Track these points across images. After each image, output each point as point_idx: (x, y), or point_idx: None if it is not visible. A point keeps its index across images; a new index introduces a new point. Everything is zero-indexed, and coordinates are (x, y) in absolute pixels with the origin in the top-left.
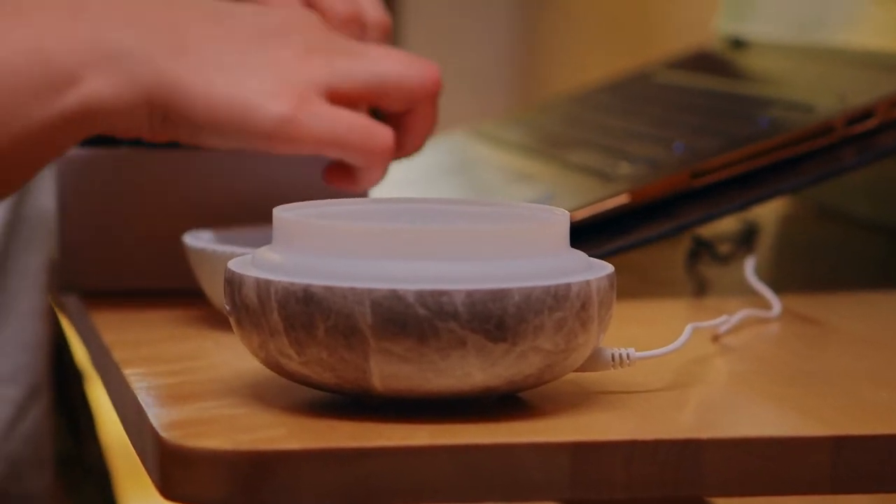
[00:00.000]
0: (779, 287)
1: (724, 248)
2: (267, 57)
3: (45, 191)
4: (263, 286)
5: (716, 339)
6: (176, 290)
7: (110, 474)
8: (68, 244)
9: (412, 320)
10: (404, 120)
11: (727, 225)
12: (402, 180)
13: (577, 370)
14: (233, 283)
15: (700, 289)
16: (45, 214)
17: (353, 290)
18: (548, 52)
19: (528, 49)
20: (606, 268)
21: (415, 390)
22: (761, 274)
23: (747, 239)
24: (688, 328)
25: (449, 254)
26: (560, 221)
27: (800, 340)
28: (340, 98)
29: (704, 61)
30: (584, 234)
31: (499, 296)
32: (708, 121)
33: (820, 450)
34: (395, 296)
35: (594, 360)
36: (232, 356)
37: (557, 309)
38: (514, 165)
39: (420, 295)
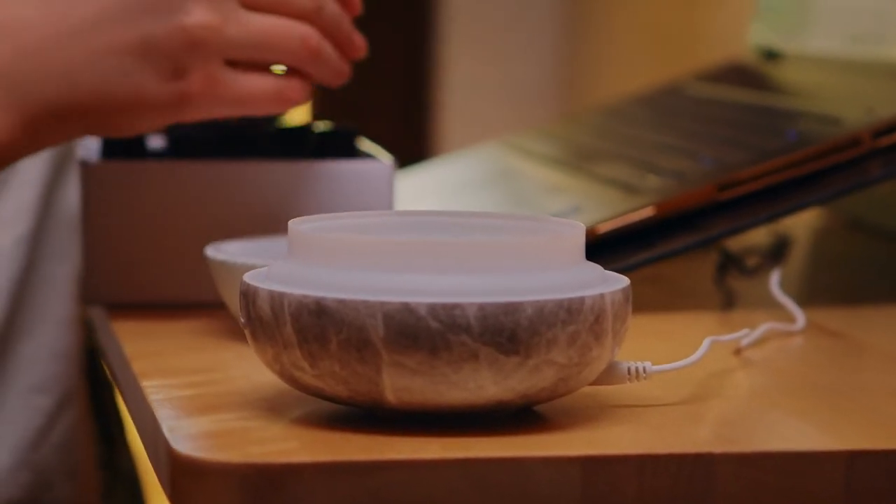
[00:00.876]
0: (807, 300)
1: (754, 261)
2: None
3: (72, 199)
4: (277, 299)
5: (737, 352)
6: (200, 303)
7: (141, 482)
8: (92, 256)
9: (424, 333)
10: None
11: (758, 238)
12: (432, 191)
13: (592, 384)
14: (247, 296)
15: (728, 302)
16: (72, 223)
17: (365, 303)
18: (591, 64)
19: (571, 61)
20: (622, 281)
21: (428, 403)
22: (791, 287)
23: (778, 252)
24: (706, 342)
25: (461, 267)
26: (575, 235)
27: (822, 354)
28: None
29: (736, 74)
30: (610, 247)
31: (511, 309)
32: (736, 133)
33: (834, 464)
34: (407, 309)
35: (610, 374)
36: (251, 368)
37: (570, 322)
38: (545, 178)
39: (432, 308)
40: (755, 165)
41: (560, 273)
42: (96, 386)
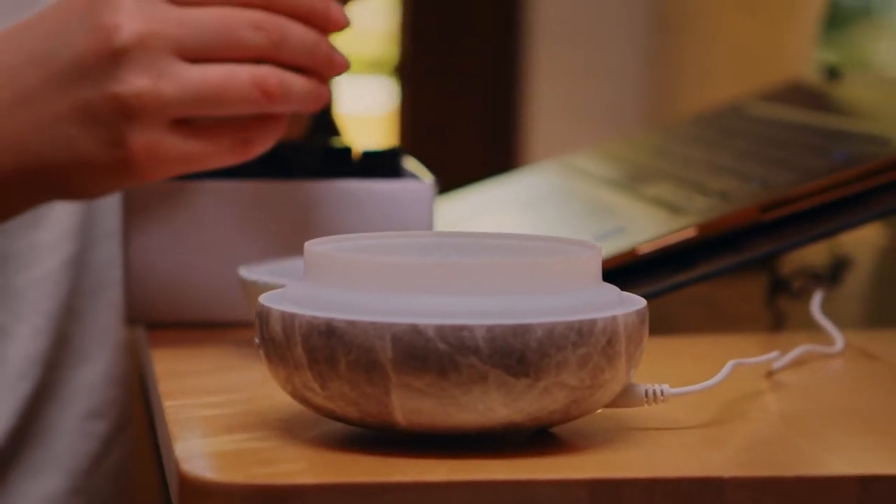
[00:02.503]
0: (861, 322)
1: (801, 283)
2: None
3: (114, 220)
4: (288, 320)
5: (769, 375)
6: (237, 322)
7: None
8: (132, 275)
9: (433, 355)
10: None
11: (817, 258)
12: (473, 211)
13: (609, 406)
14: (261, 317)
15: (776, 324)
16: (116, 245)
17: (374, 324)
18: (677, 84)
19: (657, 81)
20: (637, 303)
21: (438, 425)
22: (845, 308)
23: (835, 272)
24: (728, 365)
25: (471, 288)
26: (590, 257)
27: (856, 377)
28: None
29: (797, 93)
30: (652, 268)
31: (520, 331)
32: (786, 154)
33: (845, 490)
34: (415, 330)
35: (627, 396)
36: (274, 389)
37: (581, 345)
38: (596, 198)
39: (440, 330)
40: (798, 186)
41: (573, 295)
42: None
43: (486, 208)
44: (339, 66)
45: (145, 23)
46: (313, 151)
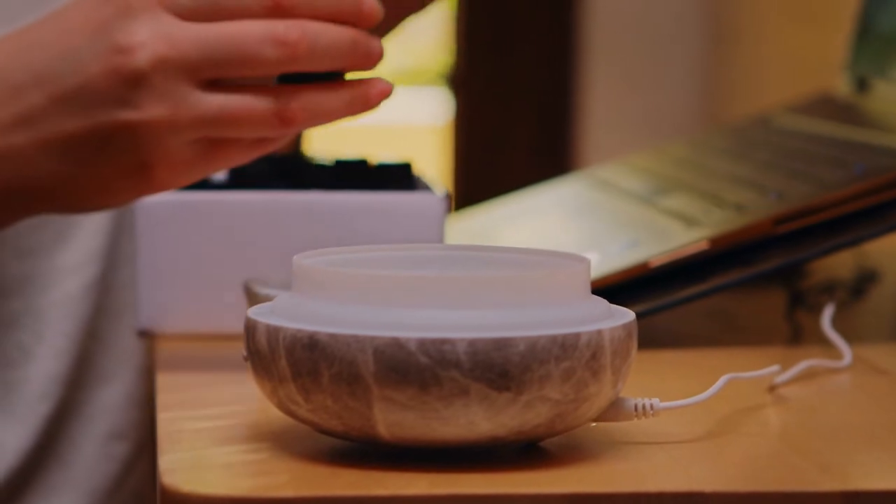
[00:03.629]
0: (883, 336)
1: (818, 297)
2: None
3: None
4: (273, 333)
5: (771, 389)
6: None
7: None
8: (146, 287)
9: (414, 368)
10: None
11: (843, 270)
12: (493, 224)
13: (598, 420)
14: (248, 330)
15: (794, 337)
16: None
17: (356, 337)
18: (732, 94)
19: (711, 89)
20: (626, 317)
21: (420, 438)
22: (869, 322)
23: (860, 285)
24: (722, 379)
25: (454, 302)
26: (577, 270)
27: (860, 393)
28: None
29: (825, 105)
30: (665, 280)
31: (502, 344)
32: (807, 166)
33: None
34: (396, 343)
35: (616, 410)
36: (269, 402)
37: (565, 358)
38: (613, 210)
39: (422, 343)
40: (812, 199)
41: (557, 308)
42: None
43: (506, 221)
44: (376, 59)
45: (161, 45)
46: (327, 164)
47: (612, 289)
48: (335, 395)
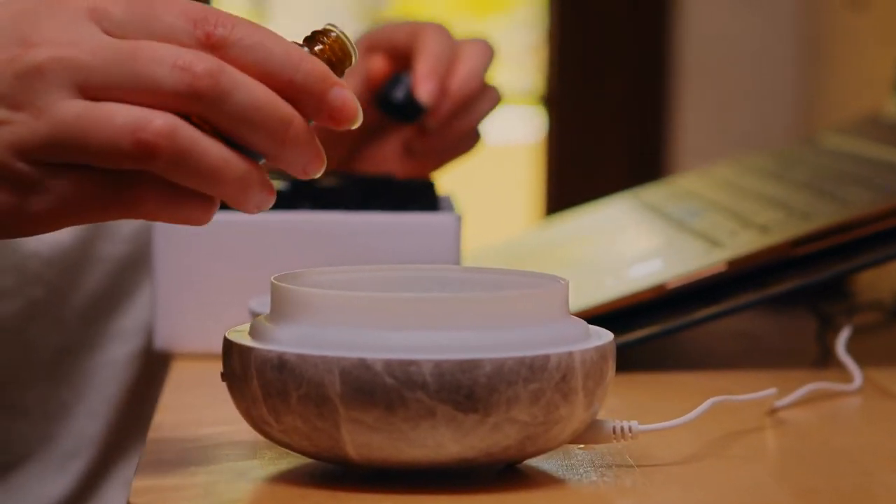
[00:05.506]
0: None
1: (843, 319)
2: None
3: None
4: (245, 353)
5: (771, 412)
6: None
7: None
8: (160, 308)
9: (380, 390)
10: None
11: (886, 292)
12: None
13: (575, 442)
14: (225, 350)
15: (822, 359)
16: None
17: (323, 358)
18: (826, 110)
19: (805, 109)
20: (602, 339)
21: (389, 460)
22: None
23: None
24: (707, 402)
25: (422, 323)
26: (551, 291)
27: (863, 417)
28: None
29: (872, 126)
30: (683, 301)
31: (468, 366)
32: (836, 187)
33: None
34: (363, 365)
35: (595, 432)
36: None
37: (533, 380)
38: (643, 231)
39: (388, 364)
40: (832, 220)
41: (529, 330)
42: None
43: (541, 242)
44: (313, 166)
45: (64, 49)
46: (350, 182)
47: (630, 310)
48: (304, 416)
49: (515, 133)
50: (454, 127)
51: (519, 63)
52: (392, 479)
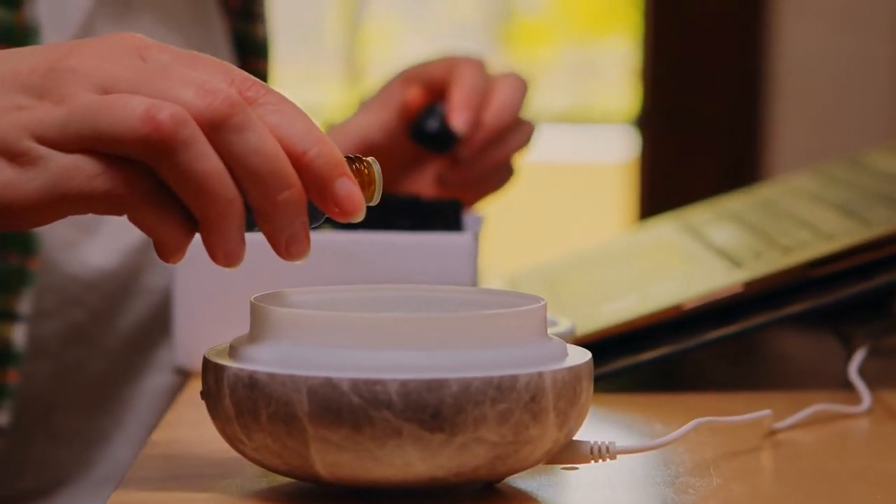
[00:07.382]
0: None
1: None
2: None
3: None
4: (220, 372)
5: (770, 434)
6: None
7: None
8: (180, 326)
9: (347, 409)
10: None
11: None
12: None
13: (552, 462)
14: (203, 369)
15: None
16: None
17: (291, 377)
18: None
19: None
20: (578, 359)
21: (358, 479)
22: None
23: None
24: (691, 423)
25: (389, 343)
26: (526, 311)
27: (865, 440)
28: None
29: None
30: (700, 321)
31: (434, 386)
32: (866, 209)
33: None
34: (330, 384)
35: (572, 452)
36: None
37: (501, 400)
38: (678, 254)
39: (354, 383)
40: (851, 241)
41: (498, 350)
42: None
43: (579, 262)
44: (297, 251)
45: (94, 60)
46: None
47: (646, 331)
48: (274, 434)
49: (608, 152)
50: (487, 159)
51: (613, 82)
52: (370, 499)
